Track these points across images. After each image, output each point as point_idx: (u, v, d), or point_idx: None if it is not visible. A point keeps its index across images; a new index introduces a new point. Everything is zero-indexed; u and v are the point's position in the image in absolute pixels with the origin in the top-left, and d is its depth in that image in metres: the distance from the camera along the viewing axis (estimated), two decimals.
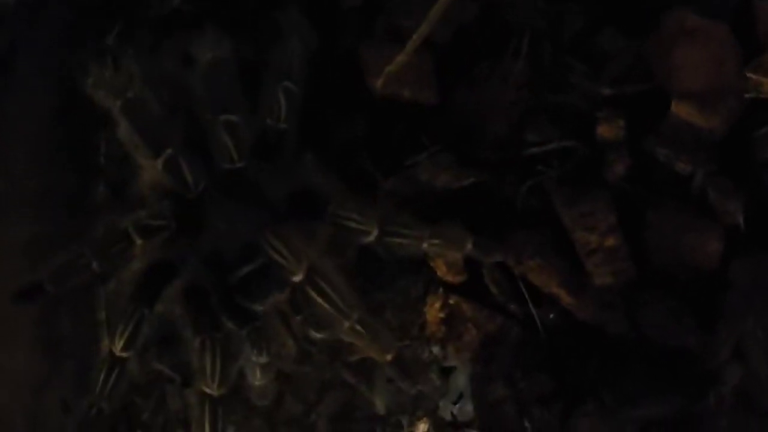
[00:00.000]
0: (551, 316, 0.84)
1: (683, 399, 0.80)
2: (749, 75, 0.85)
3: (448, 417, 0.86)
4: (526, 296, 0.84)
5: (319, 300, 0.72)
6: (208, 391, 0.71)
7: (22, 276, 0.73)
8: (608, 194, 0.84)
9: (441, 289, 0.87)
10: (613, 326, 0.82)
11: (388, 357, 0.76)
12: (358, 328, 0.73)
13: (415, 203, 0.86)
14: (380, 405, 0.86)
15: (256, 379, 0.77)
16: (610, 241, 0.83)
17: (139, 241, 0.74)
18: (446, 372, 0.87)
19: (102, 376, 0.73)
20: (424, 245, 0.77)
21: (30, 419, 0.80)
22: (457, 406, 0.86)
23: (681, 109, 0.85)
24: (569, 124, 0.87)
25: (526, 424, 0.82)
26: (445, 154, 0.87)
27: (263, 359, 0.75)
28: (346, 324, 0.73)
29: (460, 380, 0.86)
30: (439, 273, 0.86)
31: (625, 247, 0.83)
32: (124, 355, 0.73)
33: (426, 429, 0.85)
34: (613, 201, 0.84)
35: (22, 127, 0.86)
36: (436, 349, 0.87)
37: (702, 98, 0.85)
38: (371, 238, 0.76)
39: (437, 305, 0.86)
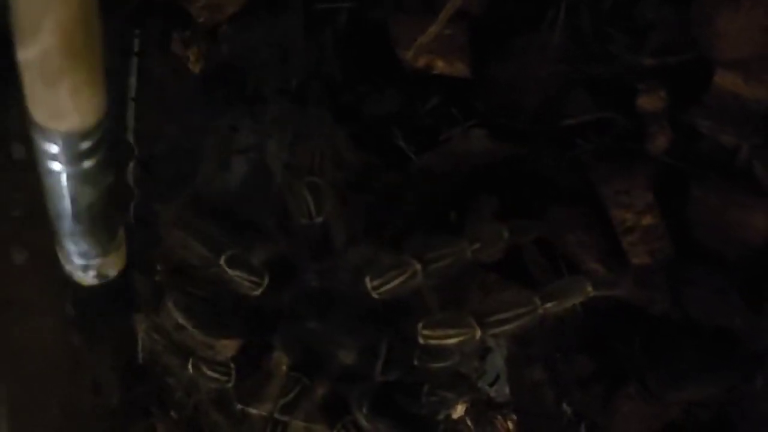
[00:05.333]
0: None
1: (729, 381, 0.78)
2: None
3: (484, 398, 0.85)
4: (565, 273, 0.83)
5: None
6: None
7: None
8: (647, 170, 0.82)
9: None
10: (657, 306, 0.80)
11: None
12: None
13: (449, 178, 0.85)
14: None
15: None
16: (647, 220, 0.81)
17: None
18: (483, 353, 0.86)
19: None
20: (468, 254, 0.74)
21: (63, 401, 0.80)
22: (494, 387, 0.85)
23: (725, 79, 0.83)
24: (609, 97, 0.85)
25: (565, 407, 0.81)
26: (479, 129, 0.86)
27: None
28: None
29: (498, 361, 0.85)
30: None
31: (662, 225, 0.80)
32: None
33: (464, 409, 0.84)
34: (654, 176, 0.82)
35: None
36: None
37: (747, 67, 0.82)
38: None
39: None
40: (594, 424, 0.81)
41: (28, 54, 0.51)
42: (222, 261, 0.71)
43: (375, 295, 0.70)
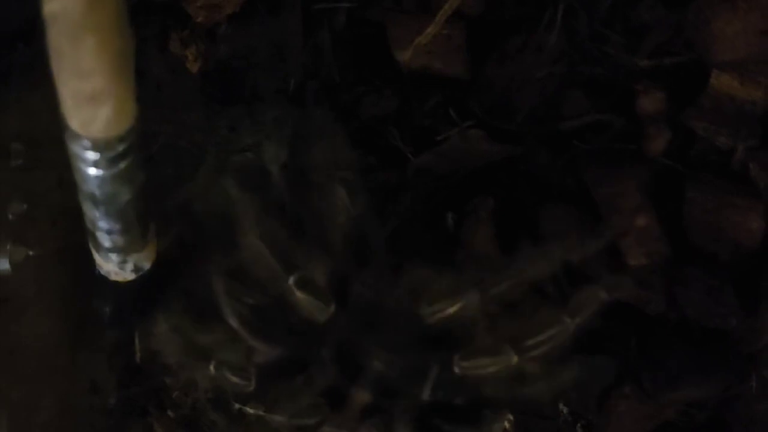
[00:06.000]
0: None
1: (723, 382, 0.78)
2: None
3: None
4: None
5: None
6: None
7: None
8: (641, 172, 0.82)
9: None
10: (652, 306, 0.81)
11: None
12: None
13: (446, 179, 0.85)
14: None
15: None
16: (641, 222, 0.81)
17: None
18: None
19: None
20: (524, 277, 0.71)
21: (60, 400, 0.80)
22: None
23: (721, 81, 0.83)
24: (605, 98, 0.85)
25: (561, 406, 0.81)
26: (476, 130, 0.86)
27: None
28: None
29: None
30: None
31: (657, 227, 0.81)
32: None
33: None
34: (650, 177, 0.82)
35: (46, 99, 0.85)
36: None
37: (742, 69, 0.83)
38: None
39: None
40: (589, 424, 0.81)
41: (63, 66, 0.53)
42: (291, 281, 0.69)
43: (430, 321, 0.69)
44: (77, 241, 0.80)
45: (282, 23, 0.91)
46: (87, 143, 0.58)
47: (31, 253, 0.81)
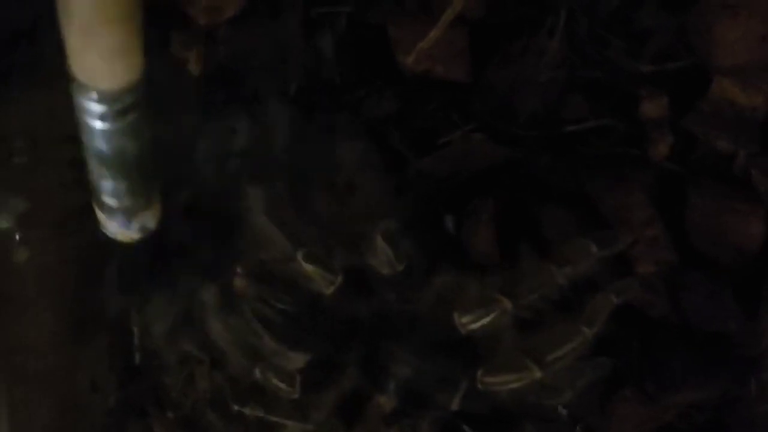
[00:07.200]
0: None
1: (724, 385, 0.79)
2: None
3: None
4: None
5: None
6: None
7: None
8: (645, 178, 0.82)
9: None
10: (655, 310, 0.81)
11: None
12: None
13: (447, 182, 0.85)
14: None
15: None
16: (650, 232, 0.81)
17: None
18: None
19: None
20: (559, 279, 0.72)
21: (60, 400, 0.80)
22: None
23: (722, 86, 0.83)
24: (607, 102, 0.85)
25: (561, 409, 0.81)
26: (478, 133, 0.86)
27: None
28: None
29: None
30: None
31: (665, 235, 0.81)
32: None
33: None
34: (655, 182, 0.82)
35: (47, 99, 0.85)
36: None
37: (744, 75, 0.83)
38: None
39: None
40: (589, 427, 0.81)
41: (71, 18, 0.53)
42: (299, 256, 0.70)
43: (463, 331, 0.69)
44: (78, 240, 0.81)
45: (283, 25, 0.91)
46: (94, 95, 0.58)
47: (31, 253, 0.81)
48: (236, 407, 0.76)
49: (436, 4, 0.87)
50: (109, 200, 0.69)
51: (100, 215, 0.72)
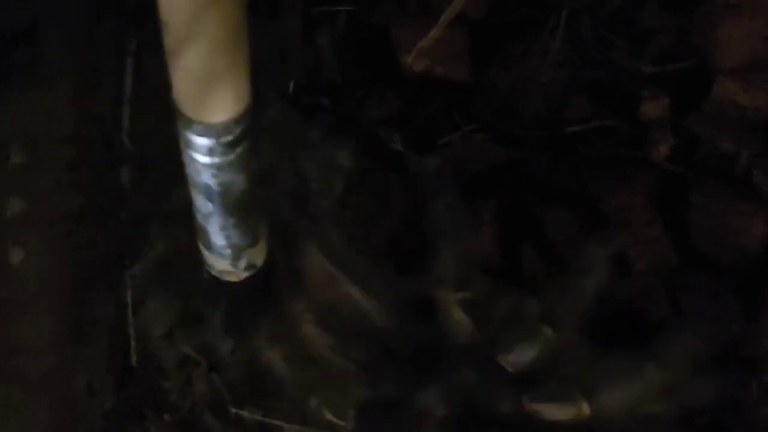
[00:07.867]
0: None
1: (725, 387, 0.78)
2: None
3: None
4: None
5: None
6: None
7: None
8: (647, 179, 0.82)
9: None
10: (655, 311, 0.80)
11: None
12: None
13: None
14: None
15: None
16: (650, 233, 0.81)
17: None
18: None
19: None
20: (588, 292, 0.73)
21: (57, 402, 0.80)
22: None
23: (725, 87, 0.83)
24: (609, 103, 0.85)
25: None
26: (479, 133, 0.86)
27: None
28: None
29: None
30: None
31: (666, 236, 0.81)
32: None
33: None
34: (654, 183, 0.82)
35: (46, 99, 0.85)
36: None
37: (747, 76, 0.83)
38: None
39: None
40: None
41: (182, 59, 0.51)
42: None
43: (511, 369, 0.69)
44: (76, 241, 0.81)
45: (283, 26, 0.91)
46: (201, 129, 0.55)
47: (28, 254, 0.80)
48: (234, 410, 0.76)
49: (436, 4, 0.87)
50: (217, 238, 0.65)
51: (207, 255, 0.69)
